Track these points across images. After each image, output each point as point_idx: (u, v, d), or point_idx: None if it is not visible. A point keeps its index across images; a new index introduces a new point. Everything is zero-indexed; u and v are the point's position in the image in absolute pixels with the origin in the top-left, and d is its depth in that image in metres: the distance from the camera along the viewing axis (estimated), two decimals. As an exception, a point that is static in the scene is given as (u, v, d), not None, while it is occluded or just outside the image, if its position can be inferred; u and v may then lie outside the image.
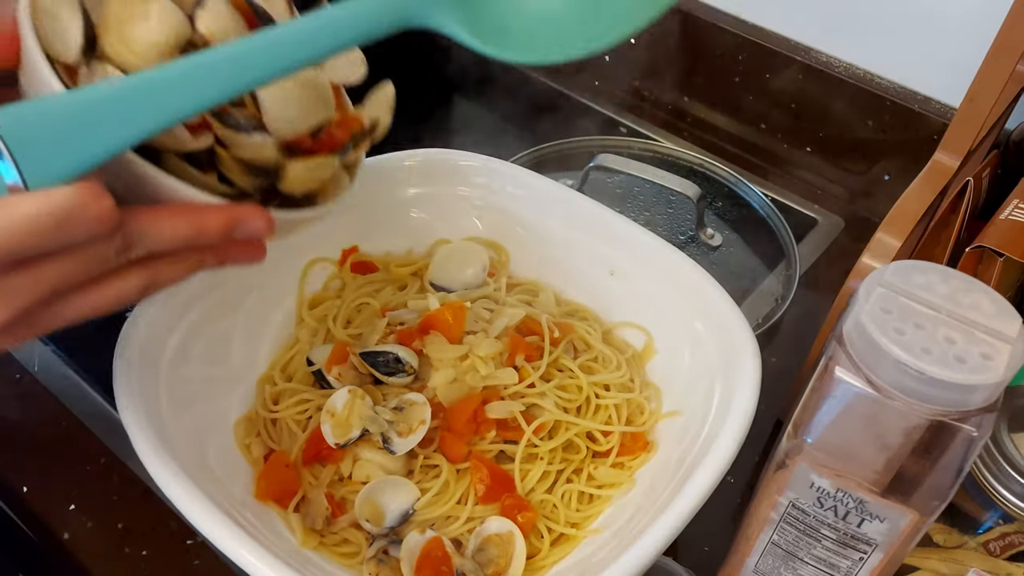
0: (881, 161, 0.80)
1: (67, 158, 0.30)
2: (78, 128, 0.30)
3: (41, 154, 0.30)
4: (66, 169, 0.30)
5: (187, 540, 0.52)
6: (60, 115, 0.30)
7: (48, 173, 0.30)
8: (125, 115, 0.31)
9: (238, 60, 0.32)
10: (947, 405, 0.36)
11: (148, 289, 0.35)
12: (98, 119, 0.31)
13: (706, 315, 0.53)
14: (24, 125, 0.30)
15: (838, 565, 0.44)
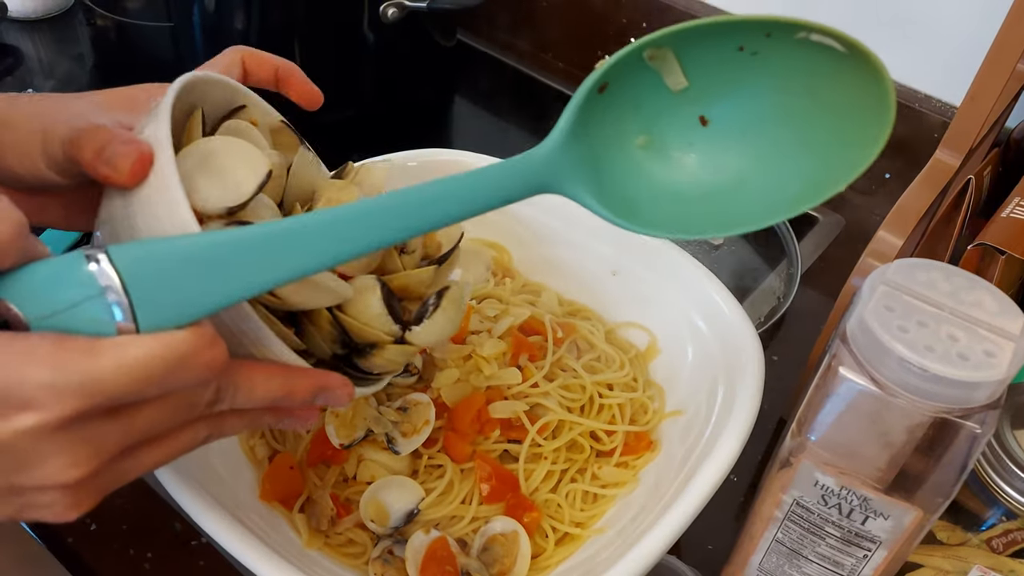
0: (882, 159, 0.79)
1: (188, 303, 0.29)
2: (206, 273, 0.29)
3: (160, 297, 0.29)
4: (184, 315, 0.29)
5: (192, 541, 0.53)
6: (188, 258, 0.29)
7: (163, 317, 0.29)
8: (259, 264, 0.30)
9: (369, 218, 0.31)
10: (950, 402, 0.36)
11: (209, 439, 0.34)
12: (230, 265, 0.29)
13: (709, 314, 0.53)
14: (145, 264, 0.28)
15: (842, 563, 0.44)
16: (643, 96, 0.34)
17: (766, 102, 0.34)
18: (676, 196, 0.35)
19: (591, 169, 0.34)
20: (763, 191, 0.34)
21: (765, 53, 0.33)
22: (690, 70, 0.34)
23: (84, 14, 0.97)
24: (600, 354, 0.54)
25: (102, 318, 0.28)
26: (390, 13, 0.78)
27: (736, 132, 0.34)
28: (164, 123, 0.32)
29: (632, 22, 0.88)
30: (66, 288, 0.28)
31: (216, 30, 0.80)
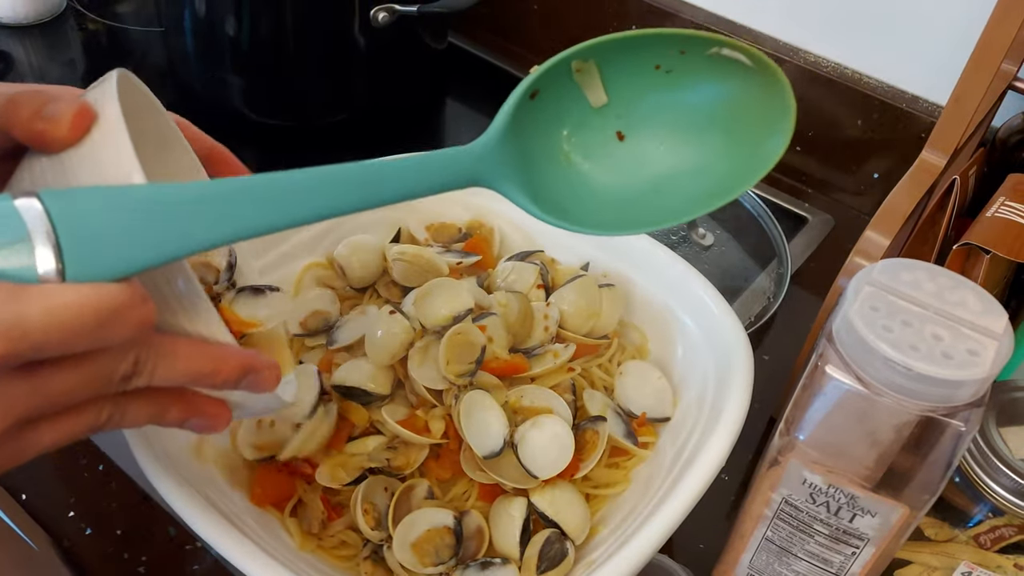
0: (870, 160, 0.80)
1: (120, 257, 0.28)
2: (142, 225, 0.28)
3: (91, 247, 0.27)
4: (115, 269, 0.28)
5: (186, 545, 0.53)
6: (124, 208, 0.28)
7: (93, 269, 0.27)
8: (197, 220, 0.29)
9: (317, 189, 0.31)
10: (935, 401, 0.37)
11: (107, 424, 0.31)
12: (169, 219, 0.28)
13: (698, 314, 0.53)
14: (78, 211, 0.27)
15: (831, 560, 0.44)
16: (567, 108, 0.37)
17: (681, 115, 0.37)
18: (600, 198, 0.37)
19: (523, 169, 0.35)
20: (679, 193, 0.37)
21: (679, 70, 0.36)
22: (611, 86, 0.37)
23: (75, 19, 0.97)
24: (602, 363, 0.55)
25: (27, 264, 0.27)
26: (380, 17, 0.79)
27: (652, 144, 0.37)
28: (111, 85, 0.31)
29: (623, 27, 0.89)
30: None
31: (207, 35, 0.80)
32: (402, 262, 0.55)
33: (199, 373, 0.31)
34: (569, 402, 0.50)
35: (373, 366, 0.50)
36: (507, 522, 0.46)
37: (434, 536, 0.45)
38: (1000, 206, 0.52)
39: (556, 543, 0.45)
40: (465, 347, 0.49)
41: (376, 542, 0.45)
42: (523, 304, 0.53)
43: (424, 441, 0.48)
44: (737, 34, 0.82)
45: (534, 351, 0.52)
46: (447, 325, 0.50)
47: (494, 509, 0.47)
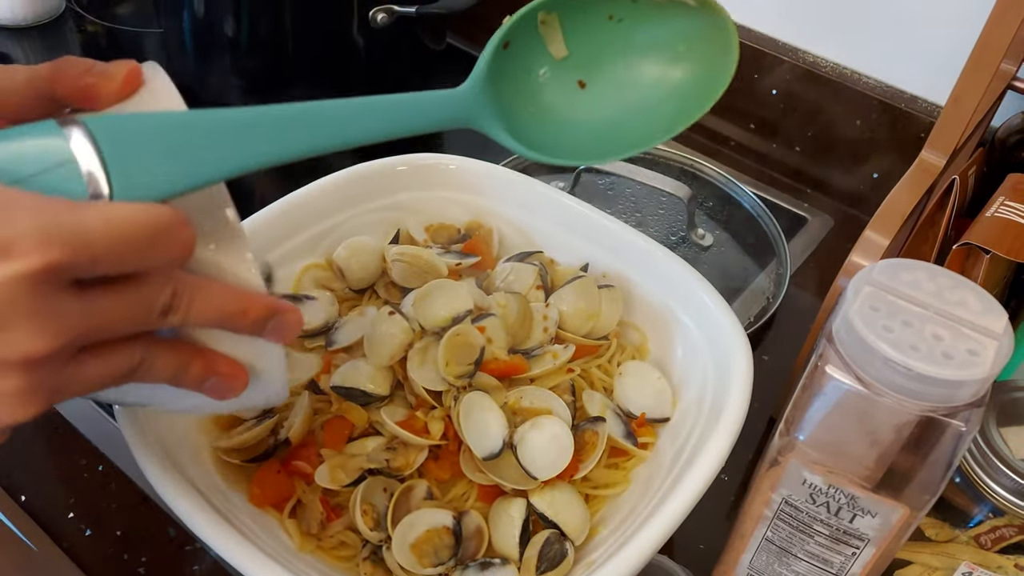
0: (870, 160, 0.80)
1: (161, 179, 0.29)
2: (182, 148, 0.29)
3: (134, 169, 0.28)
4: (157, 191, 0.29)
5: (185, 546, 0.53)
6: (165, 131, 0.29)
7: (136, 190, 0.28)
8: (231, 145, 0.30)
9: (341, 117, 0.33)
10: (935, 401, 0.37)
11: (138, 371, 0.31)
12: (206, 143, 0.30)
13: (698, 315, 0.53)
14: (121, 135, 0.28)
15: (831, 560, 0.44)
16: (536, 58, 0.41)
17: (635, 59, 0.41)
18: (571, 134, 0.41)
19: (502, 112, 0.39)
20: (641, 125, 0.41)
21: (630, 18, 0.41)
22: (570, 39, 0.41)
23: (74, 21, 0.97)
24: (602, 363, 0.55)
25: (75, 184, 0.27)
26: (379, 18, 0.79)
27: (611, 88, 0.42)
28: (155, 66, 0.33)
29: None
30: (39, 153, 0.27)
31: (206, 36, 0.80)
32: (401, 263, 0.55)
33: (230, 312, 0.31)
34: (568, 403, 0.50)
35: (372, 367, 0.50)
36: (506, 523, 0.46)
37: (433, 536, 0.45)
38: (1000, 206, 0.52)
39: (556, 544, 0.45)
40: (464, 348, 0.49)
41: (375, 543, 0.45)
42: (522, 305, 0.53)
43: (423, 442, 0.47)
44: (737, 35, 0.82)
45: (533, 352, 0.52)
46: (446, 326, 0.50)
47: (493, 510, 0.47)
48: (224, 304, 0.31)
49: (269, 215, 0.55)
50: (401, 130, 0.35)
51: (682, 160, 0.82)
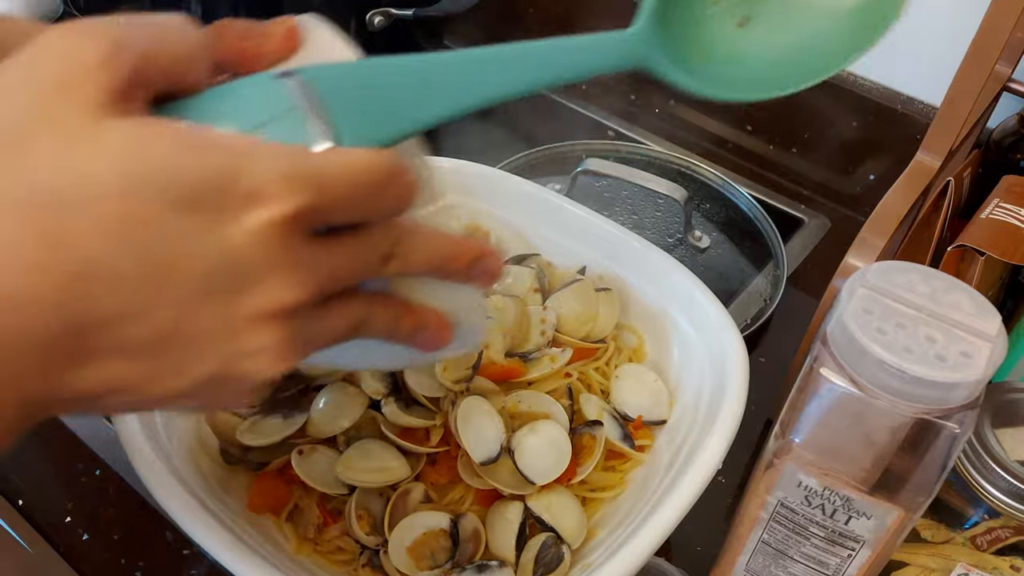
0: (866, 161, 0.81)
1: (377, 126, 0.29)
2: (393, 95, 0.29)
3: (351, 117, 0.28)
4: (373, 139, 0.29)
5: (183, 551, 0.53)
6: (375, 78, 0.29)
7: (359, 137, 0.28)
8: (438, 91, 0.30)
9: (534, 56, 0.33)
10: (930, 403, 0.37)
11: (362, 327, 0.31)
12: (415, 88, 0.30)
13: (694, 317, 0.54)
14: (334, 83, 0.28)
15: (827, 562, 0.44)
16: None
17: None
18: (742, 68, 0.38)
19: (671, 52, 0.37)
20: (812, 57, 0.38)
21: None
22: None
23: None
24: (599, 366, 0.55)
25: (301, 133, 0.27)
26: (376, 21, 0.79)
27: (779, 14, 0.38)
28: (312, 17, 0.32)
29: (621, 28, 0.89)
30: (261, 104, 0.27)
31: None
32: None
33: (444, 256, 0.31)
34: (566, 407, 0.50)
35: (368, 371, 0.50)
36: (503, 526, 0.46)
37: (430, 539, 0.45)
38: (995, 208, 0.52)
39: (552, 547, 0.45)
40: None
41: (372, 547, 0.45)
42: (520, 308, 0.53)
43: (423, 450, 0.48)
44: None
45: (531, 355, 0.52)
46: None
47: (491, 513, 0.47)
48: (438, 249, 0.31)
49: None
50: (588, 70, 0.34)
51: (679, 162, 0.82)
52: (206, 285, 0.25)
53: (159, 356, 0.25)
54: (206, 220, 0.25)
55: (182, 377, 0.26)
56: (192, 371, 0.26)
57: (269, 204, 0.25)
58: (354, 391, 0.49)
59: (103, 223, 0.24)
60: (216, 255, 0.25)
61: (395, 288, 0.33)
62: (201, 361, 0.26)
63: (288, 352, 0.27)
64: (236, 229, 0.25)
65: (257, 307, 0.26)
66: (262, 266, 0.26)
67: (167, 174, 0.24)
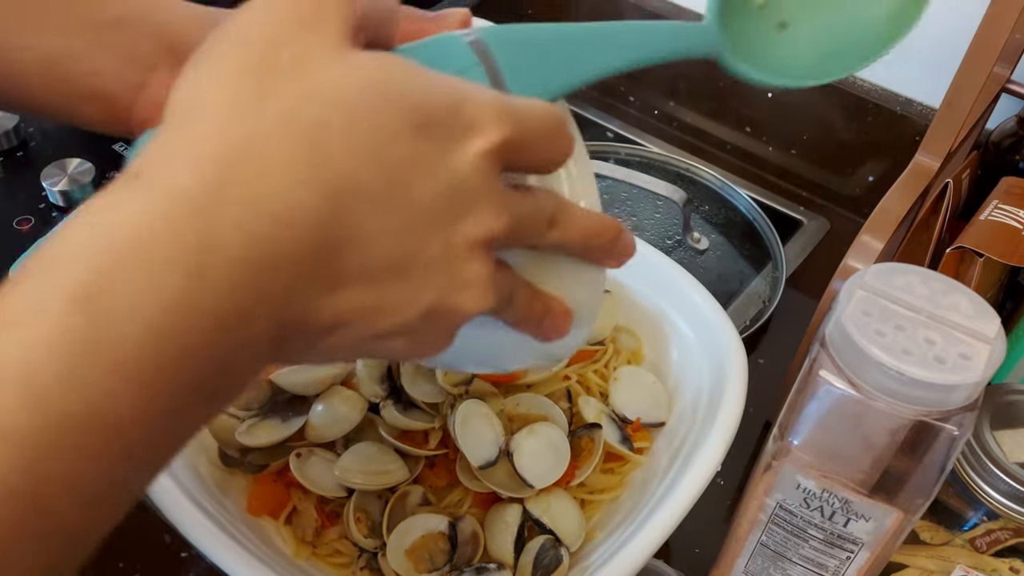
0: (865, 163, 0.80)
1: (542, 83, 0.32)
2: (554, 55, 0.32)
3: (522, 75, 0.31)
4: (542, 92, 0.31)
5: (181, 553, 0.53)
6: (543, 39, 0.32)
7: (529, 92, 0.31)
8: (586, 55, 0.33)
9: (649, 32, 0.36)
10: (928, 405, 0.37)
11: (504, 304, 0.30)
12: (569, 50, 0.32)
13: (693, 319, 0.53)
14: (507, 43, 0.31)
15: (826, 564, 0.44)
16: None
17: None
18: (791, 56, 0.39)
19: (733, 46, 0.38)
20: (847, 53, 0.39)
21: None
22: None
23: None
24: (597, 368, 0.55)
25: (485, 84, 0.30)
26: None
27: (811, 29, 0.40)
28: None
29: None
30: (449, 60, 0.30)
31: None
32: None
33: (595, 229, 0.32)
34: (565, 409, 0.50)
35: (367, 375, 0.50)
36: (502, 528, 0.46)
37: (429, 542, 0.45)
38: (993, 209, 0.52)
39: (551, 549, 0.45)
40: None
41: (370, 550, 0.45)
42: None
43: (422, 453, 0.47)
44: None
45: (529, 357, 0.52)
46: None
47: (489, 515, 0.47)
48: (591, 222, 0.31)
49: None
50: (671, 53, 0.36)
51: (677, 163, 0.82)
52: (437, 209, 0.26)
53: (393, 283, 0.26)
54: (439, 145, 0.26)
55: (407, 308, 0.27)
56: (416, 301, 0.27)
57: (485, 133, 0.26)
58: (352, 394, 0.49)
59: (358, 141, 0.24)
60: (445, 180, 0.26)
61: (528, 272, 0.33)
62: (425, 290, 0.27)
63: (491, 288, 0.28)
64: (460, 156, 0.26)
65: (472, 235, 0.27)
66: (477, 194, 0.27)
67: (411, 98, 0.25)
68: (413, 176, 0.25)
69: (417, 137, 0.25)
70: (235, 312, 0.23)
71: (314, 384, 0.49)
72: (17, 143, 0.79)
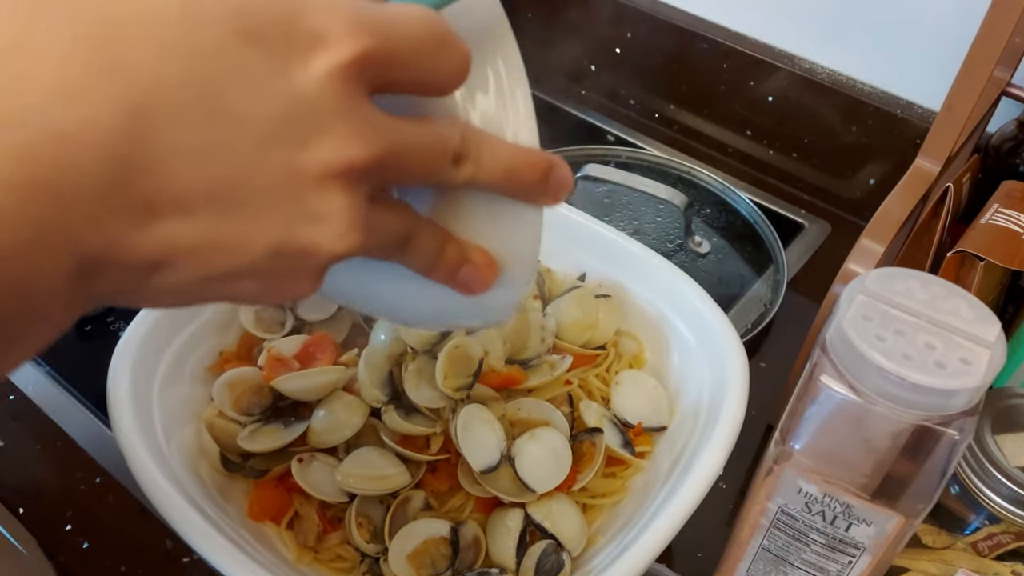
0: (866, 166, 0.81)
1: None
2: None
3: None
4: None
5: (183, 558, 0.53)
6: None
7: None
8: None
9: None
10: (929, 410, 0.37)
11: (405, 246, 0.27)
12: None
13: (694, 323, 0.54)
14: None
15: (828, 569, 0.44)
16: None
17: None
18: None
19: None
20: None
21: None
22: None
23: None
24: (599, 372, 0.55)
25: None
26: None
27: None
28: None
29: (618, 32, 0.89)
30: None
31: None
32: None
33: (520, 163, 0.28)
34: (566, 414, 0.50)
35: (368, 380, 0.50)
36: (503, 533, 0.46)
37: (430, 547, 0.45)
38: (994, 213, 0.52)
39: (553, 554, 0.45)
40: (463, 360, 0.49)
41: (372, 555, 0.45)
42: (519, 315, 0.53)
43: (423, 458, 0.48)
44: (731, 40, 0.83)
45: (531, 363, 0.52)
46: (435, 343, 0.50)
47: (491, 520, 0.47)
48: (513, 155, 0.28)
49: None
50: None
51: (679, 167, 0.82)
52: (271, 131, 0.23)
53: (222, 215, 0.23)
54: (271, 57, 0.22)
55: (247, 245, 0.23)
56: (255, 237, 0.23)
57: (335, 47, 0.23)
58: (354, 400, 0.49)
59: (165, 48, 0.21)
60: (281, 97, 0.23)
61: (442, 217, 0.30)
62: (264, 224, 0.23)
63: (357, 225, 0.24)
64: (302, 71, 0.23)
65: (323, 161, 0.23)
66: (328, 115, 0.23)
67: (232, 2, 0.22)
68: (239, 90, 0.22)
69: (243, 46, 0.22)
70: (13, 243, 0.20)
71: (316, 390, 0.49)
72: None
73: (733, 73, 0.84)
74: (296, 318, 0.54)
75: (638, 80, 0.91)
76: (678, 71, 0.88)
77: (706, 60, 0.85)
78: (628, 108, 0.92)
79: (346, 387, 0.50)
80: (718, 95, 0.86)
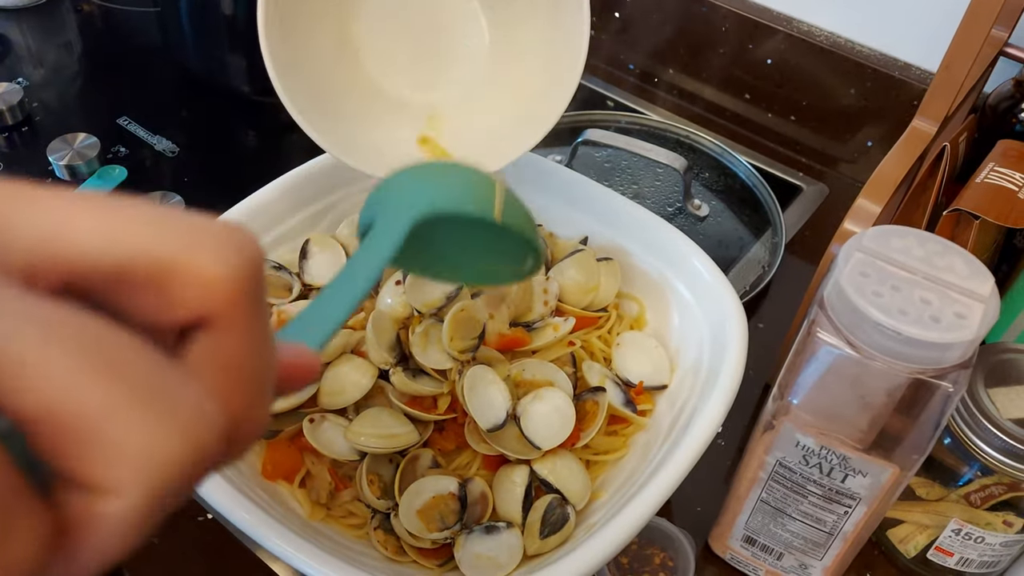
0: (864, 128, 0.81)
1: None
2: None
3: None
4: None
5: (199, 517, 0.54)
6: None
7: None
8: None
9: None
10: (924, 363, 0.38)
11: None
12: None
13: (694, 284, 0.54)
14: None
15: (824, 519, 0.46)
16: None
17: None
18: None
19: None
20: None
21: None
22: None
23: (71, 1, 0.97)
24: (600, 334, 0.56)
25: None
26: None
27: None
28: None
29: (609, 0, 0.89)
30: None
31: (202, 15, 0.81)
32: None
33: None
34: (570, 374, 0.51)
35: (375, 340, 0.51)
36: (510, 489, 0.47)
37: (439, 502, 0.47)
38: (990, 172, 0.53)
39: (558, 508, 0.46)
40: (468, 323, 0.50)
41: (383, 511, 0.47)
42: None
43: (431, 418, 0.49)
44: (730, 3, 0.83)
45: (534, 325, 0.53)
46: (440, 305, 0.51)
47: (497, 477, 0.48)
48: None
49: (268, 194, 0.56)
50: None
51: (678, 131, 0.83)
52: None
53: None
54: None
55: None
56: None
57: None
58: (362, 362, 0.50)
59: None
60: None
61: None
62: None
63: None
64: None
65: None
66: None
67: None
68: None
69: None
70: None
71: (325, 352, 0.50)
72: (22, 118, 0.79)
73: (732, 36, 0.84)
74: (304, 284, 0.55)
75: (637, 45, 0.91)
76: (677, 35, 0.88)
77: (705, 24, 0.85)
78: (627, 73, 0.93)
79: (354, 350, 0.51)
80: (717, 59, 0.86)
